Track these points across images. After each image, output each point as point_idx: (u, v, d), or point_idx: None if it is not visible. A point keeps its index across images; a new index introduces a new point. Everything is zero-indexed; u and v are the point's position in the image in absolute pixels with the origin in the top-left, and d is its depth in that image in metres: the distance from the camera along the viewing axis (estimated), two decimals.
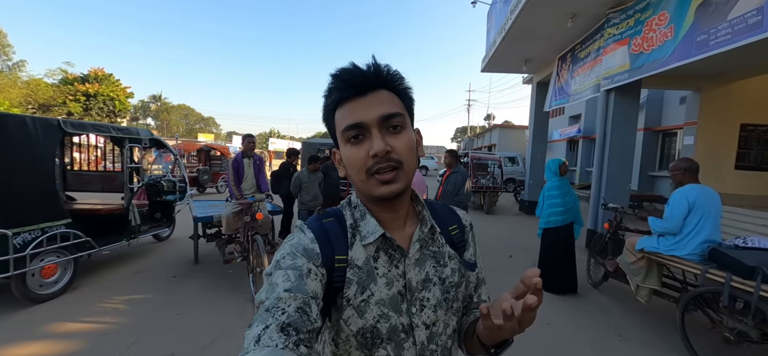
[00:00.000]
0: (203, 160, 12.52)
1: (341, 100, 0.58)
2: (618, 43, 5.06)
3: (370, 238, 0.61)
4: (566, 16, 5.60)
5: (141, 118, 44.59)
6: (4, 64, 25.75)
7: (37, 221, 3.06)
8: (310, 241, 0.59)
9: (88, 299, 3.31)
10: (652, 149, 11.35)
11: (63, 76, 25.48)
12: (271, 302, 0.46)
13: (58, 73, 25.87)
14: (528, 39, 6.83)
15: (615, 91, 5.31)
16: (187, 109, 51.27)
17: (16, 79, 24.30)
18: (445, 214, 0.73)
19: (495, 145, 26.30)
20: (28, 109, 23.04)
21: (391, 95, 0.59)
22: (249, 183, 3.99)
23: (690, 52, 3.78)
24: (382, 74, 0.58)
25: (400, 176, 0.57)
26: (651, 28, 4.40)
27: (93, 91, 24.48)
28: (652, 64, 4.39)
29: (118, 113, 26.44)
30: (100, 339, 2.64)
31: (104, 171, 5.22)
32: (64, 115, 23.70)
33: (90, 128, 3.84)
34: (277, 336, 0.41)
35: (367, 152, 0.56)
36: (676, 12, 4.00)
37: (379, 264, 0.61)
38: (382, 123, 0.56)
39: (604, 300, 3.70)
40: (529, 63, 8.29)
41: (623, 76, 4.94)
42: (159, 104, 45.97)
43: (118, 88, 26.34)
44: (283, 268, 0.52)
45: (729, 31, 3.32)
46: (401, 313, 0.60)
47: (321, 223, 0.63)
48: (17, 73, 25.42)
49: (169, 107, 46.93)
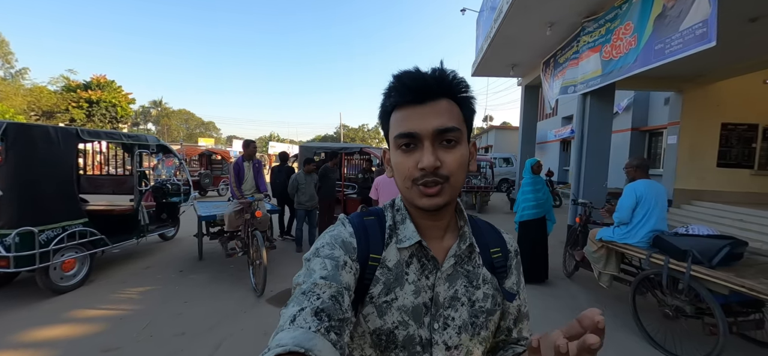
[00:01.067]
0: (205, 164, 12.89)
1: (398, 104, 0.57)
2: (591, 50, 5.43)
3: (406, 243, 0.61)
4: (545, 25, 5.97)
5: (142, 123, 45.04)
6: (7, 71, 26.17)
7: (58, 220, 3.42)
8: (349, 235, 0.60)
9: (104, 290, 3.66)
10: (639, 148, 11.70)
11: (65, 83, 25.90)
12: (308, 286, 0.48)
13: (60, 80, 26.31)
14: (512, 45, 7.20)
15: (590, 95, 5.67)
16: (187, 113, 51.73)
17: (19, 87, 24.72)
18: (490, 235, 0.70)
19: (492, 146, 26.65)
20: (32, 116, 23.44)
21: (451, 105, 0.57)
22: (249, 184, 4.34)
23: (649, 60, 4.14)
24: (445, 82, 0.57)
25: (445, 190, 0.56)
26: (619, 36, 4.76)
27: (95, 98, 24.89)
28: (619, 71, 4.76)
29: (120, 119, 26.84)
30: (118, 323, 2.99)
31: (114, 175, 5.58)
32: (67, 121, 24.12)
33: (104, 136, 4.21)
34: (312, 319, 0.42)
35: (416, 163, 0.55)
36: (638, 22, 4.37)
37: (411, 271, 0.61)
38: (436, 136, 0.55)
39: (573, 288, 4.05)
40: (516, 67, 8.66)
41: (596, 81, 5.30)
42: (160, 109, 46.44)
43: (119, 95, 26.75)
44: (321, 256, 0.54)
45: (680, 41, 3.68)
46: (422, 325, 0.59)
47: (362, 220, 0.64)
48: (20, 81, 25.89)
49: (169, 112, 47.39)
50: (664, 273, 2.70)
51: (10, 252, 3.05)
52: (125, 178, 5.46)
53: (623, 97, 11.78)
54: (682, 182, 9.32)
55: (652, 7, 4.12)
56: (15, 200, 3.13)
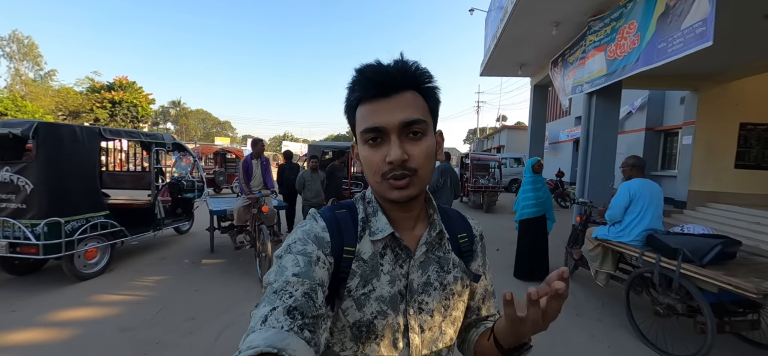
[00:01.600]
0: (219, 162, 13.31)
1: (363, 99, 0.57)
2: (597, 50, 5.41)
3: (379, 235, 0.61)
4: (551, 25, 5.97)
5: (161, 123, 46.57)
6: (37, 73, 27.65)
7: (82, 212, 3.70)
8: (321, 229, 0.60)
9: (123, 278, 3.93)
10: (654, 149, 11.43)
11: (90, 84, 27.13)
12: (280, 284, 0.47)
13: (85, 81, 27.58)
14: (519, 45, 7.20)
15: (596, 94, 5.64)
16: (204, 113, 53.16)
17: (48, 88, 26.08)
18: (457, 221, 0.73)
19: (504, 146, 26.38)
20: (59, 116, 24.65)
21: (416, 97, 0.57)
22: (257, 181, 4.54)
23: (652, 59, 4.12)
24: (408, 74, 0.57)
25: (414, 182, 0.57)
26: (623, 35, 4.74)
27: (118, 98, 25.98)
28: (622, 70, 4.74)
29: (141, 119, 27.91)
30: (134, 307, 3.23)
31: (133, 171, 5.91)
32: (92, 120, 25.26)
33: (124, 134, 4.50)
34: (284, 318, 0.42)
35: (384, 157, 0.56)
36: (642, 21, 4.35)
37: (385, 262, 0.62)
38: (402, 129, 0.55)
39: (574, 287, 4.07)
40: (524, 67, 8.63)
41: (601, 80, 5.28)
42: (178, 109, 47.90)
43: (140, 95, 27.81)
44: (293, 253, 0.53)
45: (681, 40, 3.67)
46: (399, 312, 0.60)
47: (334, 213, 0.64)
48: (49, 82, 27.29)
49: (187, 112, 48.82)
50: (655, 271, 2.73)
51: (40, 240, 3.33)
52: (143, 174, 5.77)
53: (637, 96, 11.53)
54: (698, 184, 9.08)
55: (655, 6, 4.10)
56: (44, 193, 3.41)
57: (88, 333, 2.75)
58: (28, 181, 3.37)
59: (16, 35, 26.59)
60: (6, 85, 25.29)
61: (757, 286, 2.15)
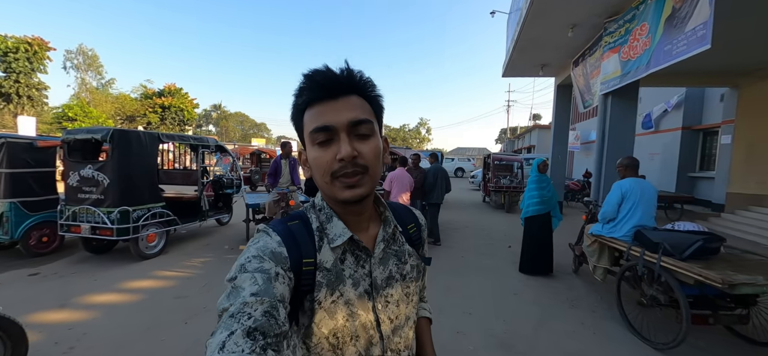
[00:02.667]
0: (255, 161, 14.36)
1: (311, 102, 0.58)
2: (612, 51, 5.47)
3: (339, 241, 0.61)
4: (566, 27, 6.08)
5: (204, 125, 50.11)
6: (99, 82, 31.08)
7: (145, 202, 4.47)
8: (277, 244, 0.58)
9: (176, 259, 4.68)
10: (692, 149, 10.84)
11: (143, 91, 29.97)
12: (236, 307, 0.45)
13: (139, 89, 30.52)
14: (537, 47, 7.31)
15: (612, 95, 5.68)
16: (242, 116, 56.39)
17: (108, 95, 29.24)
18: (404, 214, 0.77)
19: (534, 146, 25.72)
20: (118, 121, 27.49)
21: (362, 101, 0.60)
22: (285, 178, 5.15)
23: (659, 61, 4.20)
24: (355, 80, 0.59)
25: (365, 180, 0.58)
26: (635, 37, 4.81)
27: (167, 103, 28.45)
28: (635, 71, 4.80)
29: (187, 122, 30.37)
30: (186, 281, 3.91)
31: (182, 169, 6.81)
32: (145, 124, 27.92)
33: (177, 138, 5.30)
34: (243, 341, 0.40)
35: (334, 156, 0.56)
36: (652, 23, 4.42)
37: (346, 266, 0.62)
38: (351, 128, 0.57)
39: (575, 281, 4.26)
40: (545, 67, 8.65)
41: (615, 81, 5.34)
42: (219, 112, 51.30)
43: (186, 100, 30.24)
44: (249, 271, 0.51)
45: (685, 43, 3.75)
46: (368, 310, 0.62)
47: (286, 226, 0.63)
48: (109, 90, 30.56)
49: (227, 115, 52.13)
50: (640, 264, 2.93)
51: (114, 225, 4.11)
52: (191, 172, 6.63)
53: (673, 94, 11.00)
54: (738, 185, 8.59)
55: (663, 8, 4.18)
56: (117, 186, 4.20)
57: (152, 298, 3.44)
58: (105, 177, 4.18)
59: (82, 48, 30.12)
60: (74, 92, 28.75)
61: (724, 278, 2.33)
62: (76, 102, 24.31)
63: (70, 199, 4.33)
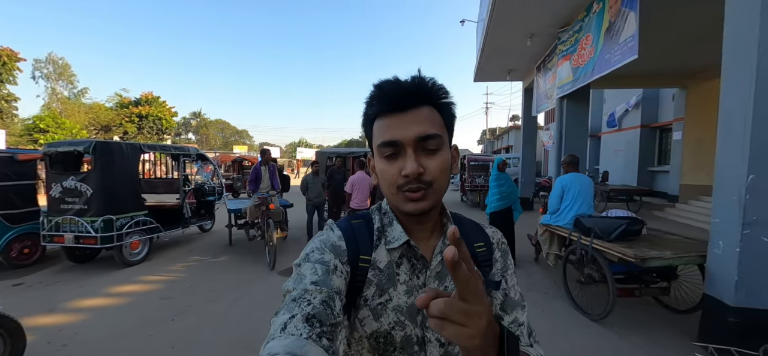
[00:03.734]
0: (236, 169, 14.44)
1: (380, 113, 0.59)
2: (564, 58, 6.01)
3: (395, 243, 0.62)
4: (525, 36, 6.60)
5: (183, 134, 49.13)
6: (71, 91, 30.14)
7: (128, 211, 4.65)
8: (337, 239, 0.61)
9: (160, 265, 4.86)
10: (650, 145, 11.69)
11: (119, 100, 29.26)
12: (298, 292, 0.48)
13: (115, 98, 29.78)
14: (502, 54, 7.84)
15: (566, 98, 6.23)
16: (223, 123, 55.59)
17: (80, 105, 28.38)
18: (472, 231, 0.72)
19: (512, 146, 26.64)
20: (92, 131, 26.74)
21: (432, 112, 0.59)
22: (265, 184, 5.40)
23: (601, 68, 4.73)
24: (424, 89, 0.58)
25: (429, 195, 0.57)
26: (582, 46, 5.35)
27: (145, 113, 27.88)
28: (584, 77, 5.33)
29: (165, 130, 29.81)
30: (171, 284, 4.12)
31: (163, 178, 6.94)
32: (121, 134, 27.27)
33: (159, 148, 5.48)
34: (303, 325, 0.43)
35: (399, 170, 0.56)
36: (595, 35, 4.95)
37: (402, 271, 0.62)
38: (418, 143, 0.56)
39: (534, 268, 4.71)
40: (512, 72, 9.22)
41: (569, 85, 5.88)
42: (198, 120, 50.39)
43: (164, 109, 29.71)
44: (311, 261, 0.54)
45: (619, 53, 4.27)
46: (417, 324, 0.60)
47: (349, 224, 0.65)
48: (81, 99, 29.67)
49: (207, 122, 51.26)
50: (577, 247, 3.38)
51: (98, 233, 4.28)
52: (172, 181, 6.78)
53: (632, 95, 11.83)
54: (689, 178, 9.37)
55: (602, 21, 4.71)
56: (100, 196, 4.36)
57: (139, 300, 3.65)
58: (88, 187, 4.34)
59: (52, 57, 29.14)
60: (44, 103, 27.79)
61: (637, 254, 2.79)
62: (47, 113, 23.52)
63: (53, 210, 4.46)
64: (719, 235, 2.65)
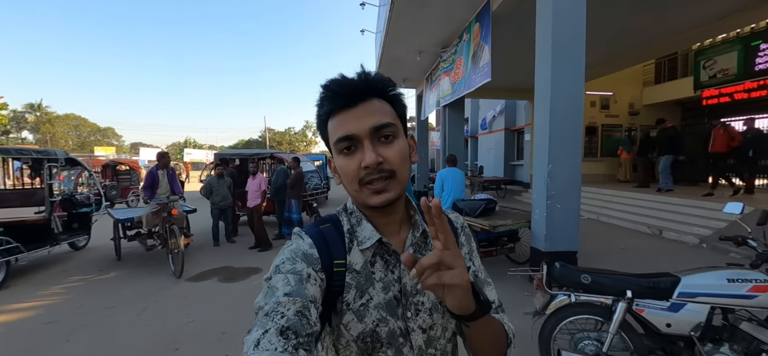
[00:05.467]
0: (110, 175, 12.22)
1: (332, 111, 0.59)
2: (445, 74, 7.34)
3: (367, 243, 0.62)
4: (415, 52, 7.75)
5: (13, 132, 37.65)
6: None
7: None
8: (308, 246, 0.60)
9: (27, 291, 4.11)
10: (511, 144, 14.75)
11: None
12: (271, 306, 0.47)
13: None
14: (398, 65, 8.92)
15: (448, 107, 7.60)
16: (77, 119, 44.71)
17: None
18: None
19: None
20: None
21: (383, 103, 0.59)
22: (163, 189, 5.07)
23: (470, 86, 6.05)
24: (371, 82, 0.58)
25: (392, 185, 0.58)
26: (457, 66, 6.67)
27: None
28: (459, 91, 6.67)
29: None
30: (51, 308, 3.63)
31: (22, 188, 5.66)
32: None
33: (14, 153, 4.53)
34: (276, 339, 0.42)
35: (359, 163, 0.57)
36: (465, 58, 6.28)
37: (376, 269, 0.63)
38: (373, 134, 0.57)
39: None
40: (407, 81, 10.50)
41: (449, 97, 7.21)
42: (39, 115, 39.35)
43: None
44: (283, 273, 0.53)
45: (480, 75, 5.59)
46: (398, 317, 0.62)
47: (318, 229, 0.65)
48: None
49: (52, 118, 40.45)
50: None
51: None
52: (32, 191, 5.60)
53: (498, 104, 14.69)
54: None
55: (470, 49, 6.02)
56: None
57: (13, 330, 3.16)
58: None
59: None
60: None
61: (490, 223, 3.90)
62: None
63: None
64: (536, 206, 3.94)
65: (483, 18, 5.39)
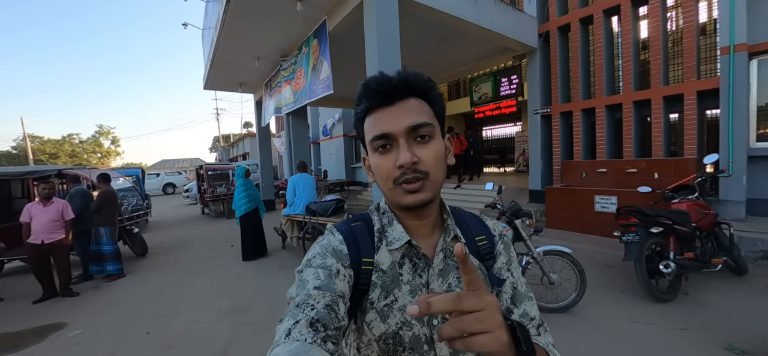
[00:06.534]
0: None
1: (370, 109, 0.60)
2: (287, 82, 7.48)
3: (396, 244, 0.62)
4: (253, 57, 7.51)
5: None
6: None
7: None
8: (338, 243, 0.61)
9: None
10: (350, 149, 16.22)
11: None
12: (301, 298, 0.49)
13: None
14: (232, 69, 8.35)
15: (291, 115, 7.78)
16: None
17: None
18: (473, 224, 0.72)
19: (249, 153, 27.24)
20: None
21: (421, 103, 0.59)
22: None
23: (311, 96, 6.43)
24: (410, 82, 0.59)
25: (426, 186, 0.58)
26: (298, 76, 6.94)
27: None
28: (301, 100, 6.95)
29: None
30: None
31: None
32: None
33: None
34: (306, 331, 0.43)
35: (394, 162, 0.57)
36: (306, 69, 6.63)
37: (404, 271, 0.62)
38: (409, 133, 0.57)
39: (284, 254, 5.76)
40: (244, 85, 9.92)
41: (291, 105, 7.39)
42: None
43: None
44: (313, 267, 0.55)
45: (321, 86, 6.07)
46: (423, 323, 0.60)
47: (349, 226, 0.65)
48: None
49: None
50: (309, 226, 4.72)
51: None
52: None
53: (336, 112, 15.85)
54: None
55: (309, 62, 6.40)
56: None
57: None
58: None
59: None
60: None
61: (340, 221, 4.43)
62: None
63: None
64: (376, 200, 4.74)
65: (321, 35, 5.89)
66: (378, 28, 4.44)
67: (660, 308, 3.00)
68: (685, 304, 3.06)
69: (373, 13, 4.44)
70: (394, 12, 4.63)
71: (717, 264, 3.16)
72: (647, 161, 5.61)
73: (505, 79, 9.39)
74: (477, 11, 5.79)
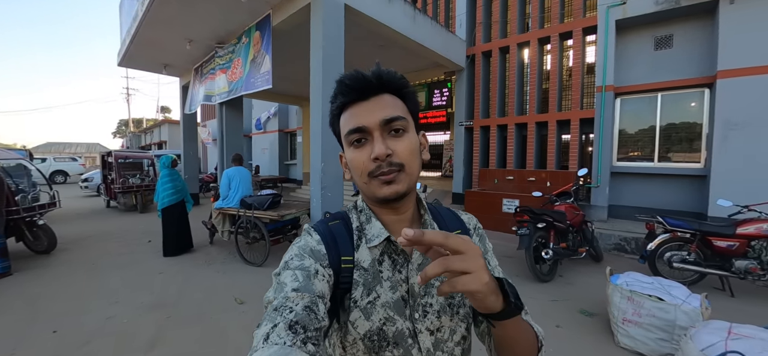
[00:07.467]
0: None
1: (345, 105, 0.61)
2: (222, 71, 7.14)
3: (375, 241, 0.62)
4: (184, 40, 7.00)
5: None
6: None
7: None
8: (316, 243, 0.61)
9: None
10: (285, 145, 15.79)
11: None
12: (279, 301, 0.48)
13: None
14: (157, 48, 7.64)
15: (225, 105, 7.44)
16: None
17: None
18: (449, 219, 0.74)
19: (166, 142, 24.44)
20: None
21: (394, 99, 0.61)
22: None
23: (248, 88, 6.29)
24: (384, 78, 0.60)
25: (401, 177, 0.58)
26: (235, 66, 6.71)
27: None
28: (236, 91, 6.73)
29: None
30: None
31: None
32: None
33: None
34: (285, 333, 0.43)
35: (369, 155, 0.58)
36: (244, 60, 6.45)
37: (384, 268, 0.63)
38: (384, 126, 0.58)
39: (211, 249, 5.54)
40: (169, 67, 9.09)
41: (225, 95, 7.08)
42: None
43: None
44: (291, 268, 0.54)
45: (261, 79, 6.00)
46: (406, 318, 0.61)
47: (327, 226, 0.65)
48: None
49: None
50: (244, 219, 4.68)
51: None
52: None
53: (272, 105, 15.30)
54: (307, 168, 13.81)
55: (249, 53, 6.26)
56: None
57: None
58: None
59: None
60: None
61: (279, 214, 4.51)
62: None
63: None
64: (313, 196, 4.91)
65: (263, 28, 5.84)
66: (325, 31, 4.66)
67: (542, 287, 3.81)
68: (558, 283, 3.94)
69: (321, 17, 4.65)
70: (341, 18, 4.90)
71: (582, 253, 4.13)
72: (544, 172, 6.81)
73: (438, 91, 10.30)
74: (415, 28, 6.37)
